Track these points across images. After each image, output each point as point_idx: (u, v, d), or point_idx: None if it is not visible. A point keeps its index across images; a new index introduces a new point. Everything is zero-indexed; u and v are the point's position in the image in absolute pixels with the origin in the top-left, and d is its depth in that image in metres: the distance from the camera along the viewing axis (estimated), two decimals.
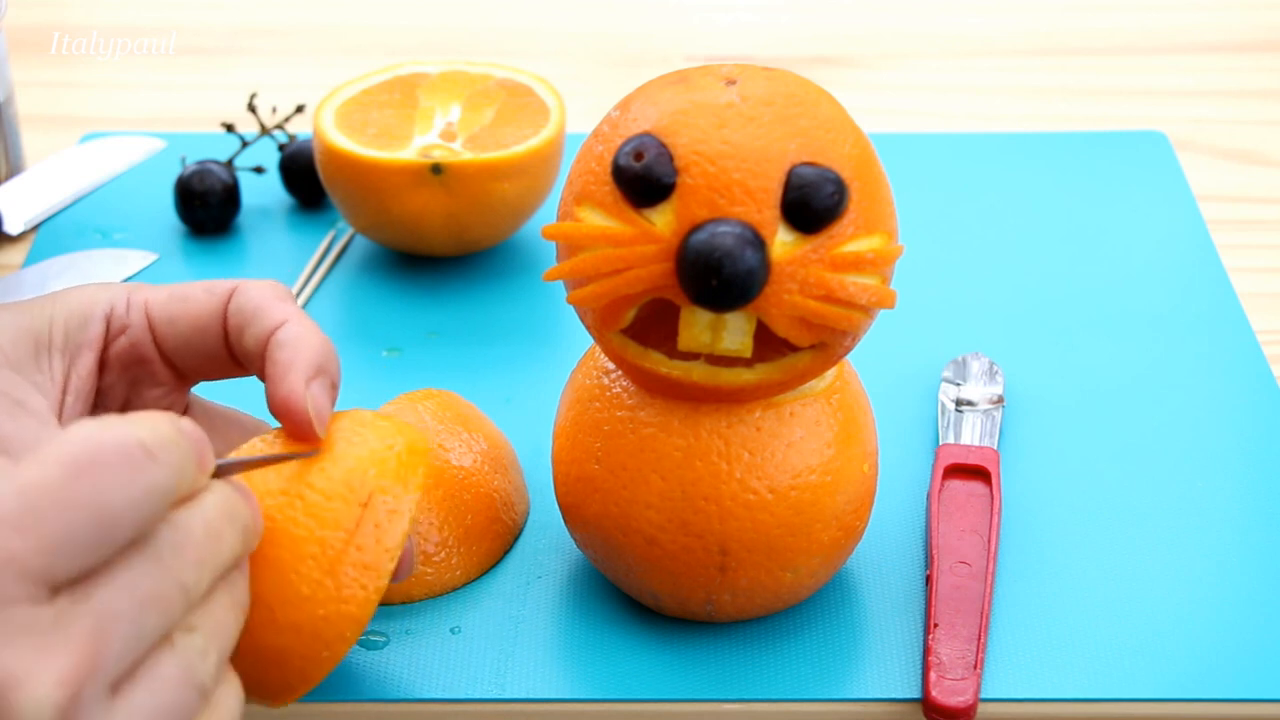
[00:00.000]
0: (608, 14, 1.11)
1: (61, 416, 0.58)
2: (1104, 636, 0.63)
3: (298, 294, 0.82)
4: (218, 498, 0.48)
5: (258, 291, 0.58)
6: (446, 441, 0.66)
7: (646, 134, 0.57)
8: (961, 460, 0.69)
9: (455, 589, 0.65)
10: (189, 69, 1.05)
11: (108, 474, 0.44)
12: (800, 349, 0.58)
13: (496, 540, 0.66)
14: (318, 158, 0.82)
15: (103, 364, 0.60)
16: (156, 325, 0.60)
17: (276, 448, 0.56)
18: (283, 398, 0.56)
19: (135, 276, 0.84)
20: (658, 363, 0.59)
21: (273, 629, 0.53)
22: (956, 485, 0.68)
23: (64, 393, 0.58)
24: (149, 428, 0.45)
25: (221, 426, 0.62)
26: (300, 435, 0.56)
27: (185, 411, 0.62)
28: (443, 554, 0.65)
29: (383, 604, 0.64)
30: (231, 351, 0.59)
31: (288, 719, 0.61)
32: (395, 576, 0.56)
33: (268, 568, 0.54)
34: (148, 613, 0.45)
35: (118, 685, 0.44)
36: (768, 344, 0.58)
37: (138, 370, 0.60)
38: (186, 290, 0.60)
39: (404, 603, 0.64)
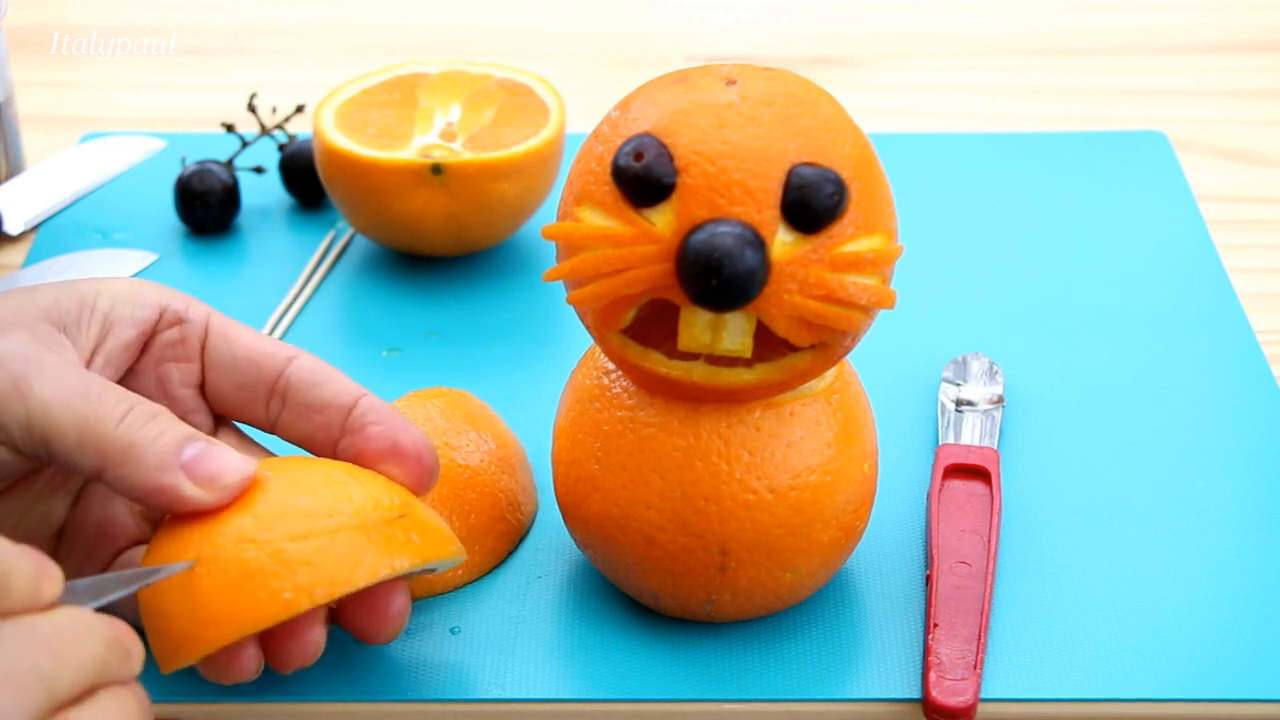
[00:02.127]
0: (608, 14, 1.11)
1: None
2: (1104, 636, 0.63)
3: (297, 294, 0.82)
4: (68, 613, 0.48)
5: (327, 366, 0.61)
6: (453, 440, 0.66)
7: (646, 134, 0.57)
8: (961, 460, 0.69)
9: (457, 588, 0.65)
10: (189, 69, 1.05)
11: None
12: (800, 349, 0.58)
13: (500, 540, 0.66)
14: (318, 158, 0.82)
15: (145, 347, 0.60)
16: (211, 336, 0.61)
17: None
18: (413, 441, 0.59)
19: (136, 276, 0.84)
20: (658, 363, 0.59)
21: (258, 545, 0.54)
22: (956, 485, 0.68)
23: (94, 354, 0.59)
24: None
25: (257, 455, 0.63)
26: (421, 480, 0.59)
27: (215, 425, 0.62)
28: None
29: None
30: (271, 397, 0.60)
31: (286, 719, 0.61)
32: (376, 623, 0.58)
33: (306, 475, 0.55)
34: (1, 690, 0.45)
35: None
36: (768, 344, 0.58)
37: (174, 367, 0.61)
38: (252, 330, 0.61)
39: None
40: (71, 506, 0.60)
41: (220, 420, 0.63)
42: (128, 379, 0.61)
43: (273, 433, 0.61)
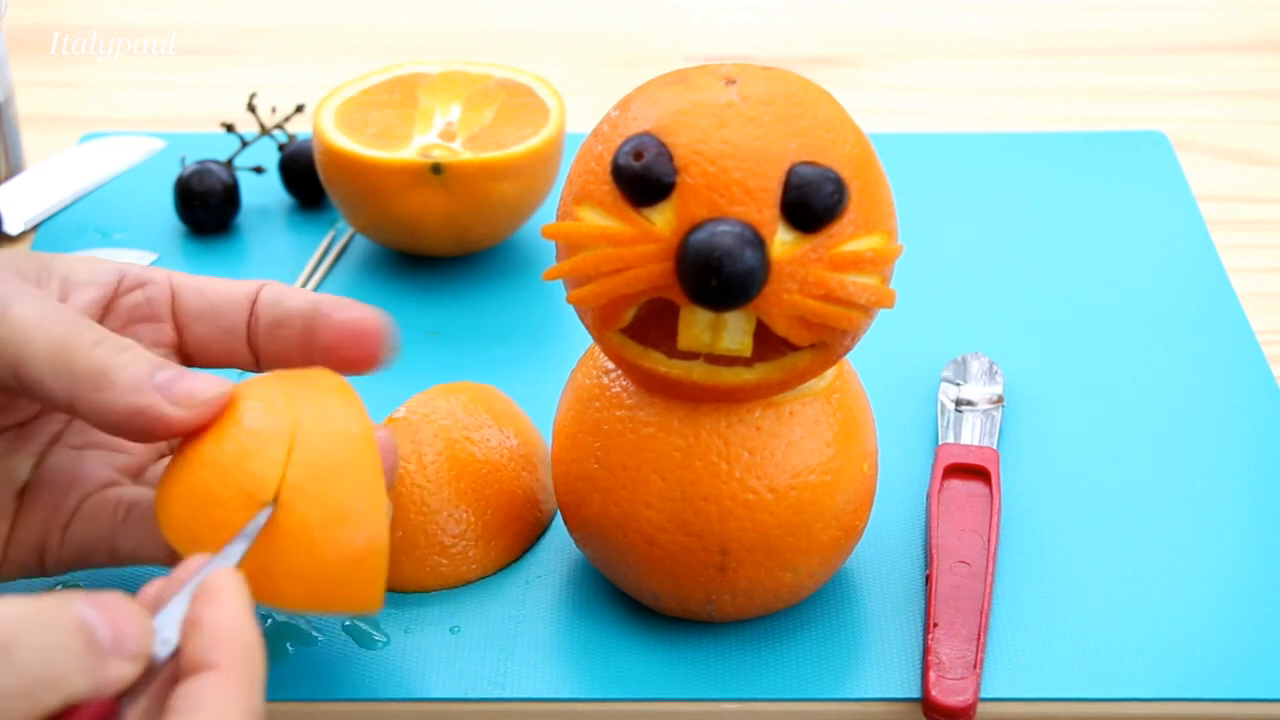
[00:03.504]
0: (608, 14, 1.11)
1: None
2: (1104, 636, 0.63)
3: None
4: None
5: (290, 287, 0.61)
6: (474, 435, 0.66)
7: (646, 133, 0.57)
8: (961, 460, 0.69)
9: (471, 581, 0.65)
10: (189, 69, 1.05)
11: None
12: (800, 348, 0.58)
13: (517, 537, 0.66)
14: (318, 158, 0.82)
15: (108, 309, 0.60)
16: (180, 290, 0.60)
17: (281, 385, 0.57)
18: (353, 318, 0.59)
19: None
20: (657, 362, 0.59)
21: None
22: (956, 485, 0.68)
23: None
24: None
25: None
26: (367, 354, 0.59)
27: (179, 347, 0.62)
28: (460, 546, 0.65)
29: (395, 591, 0.64)
30: (251, 329, 0.60)
31: (287, 718, 0.61)
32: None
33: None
34: None
35: None
36: (767, 343, 0.58)
37: (143, 328, 0.60)
38: (215, 279, 0.61)
39: (417, 591, 0.64)
40: (35, 467, 0.59)
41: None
42: None
43: (257, 369, 0.61)
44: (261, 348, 0.61)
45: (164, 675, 0.48)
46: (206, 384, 0.55)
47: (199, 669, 0.47)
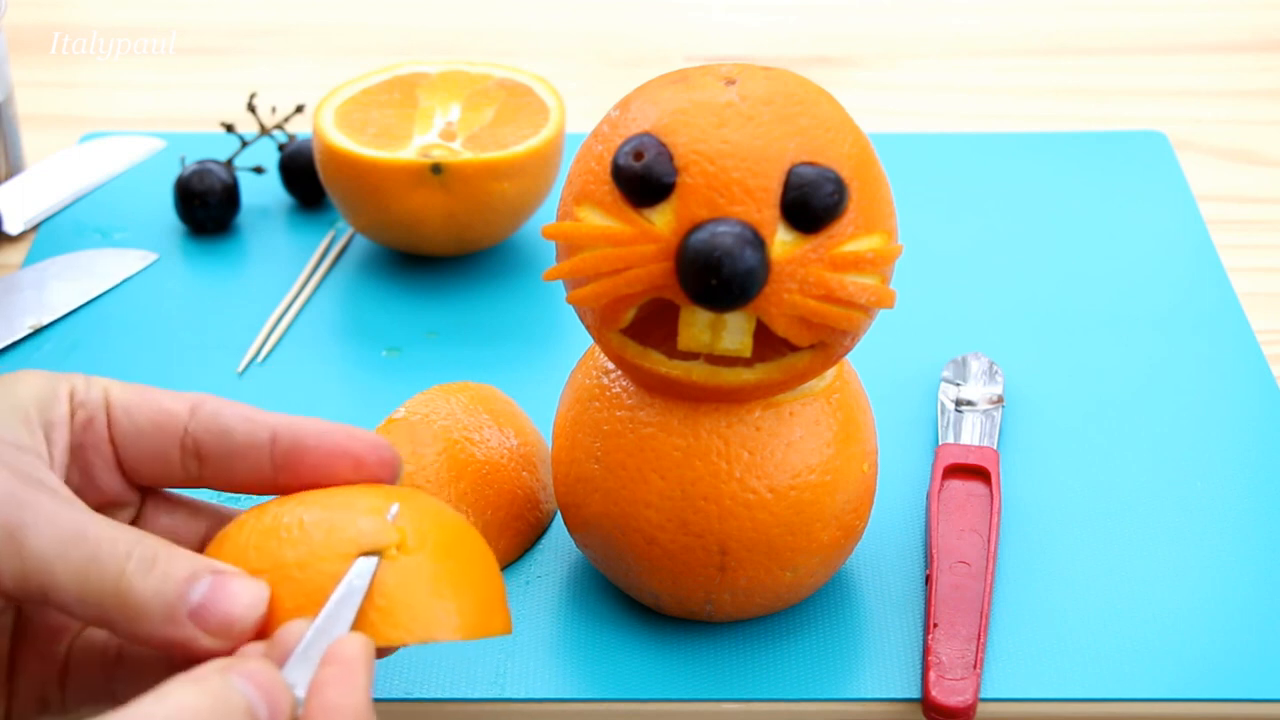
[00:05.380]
0: (608, 14, 1.11)
1: None
2: (1104, 636, 0.63)
3: (297, 294, 0.82)
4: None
5: (233, 404, 0.56)
6: (474, 435, 0.66)
7: (646, 133, 0.57)
8: (961, 460, 0.69)
9: None
10: (189, 69, 1.05)
11: None
12: (800, 349, 0.58)
13: (518, 537, 0.66)
14: (317, 157, 0.82)
15: (76, 443, 0.56)
16: (113, 409, 0.56)
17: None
18: (370, 445, 0.55)
19: (135, 276, 0.84)
20: (657, 362, 0.59)
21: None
22: (956, 485, 0.68)
23: (51, 467, 0.54)
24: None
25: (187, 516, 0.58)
26: (387, 471, 0.55)
27: (139, 510, 0.57)
28: None
29: None
30: (184, 455, 0.56)
31: None
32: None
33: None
34: None
35: None
36: (767, 344, 0.58)
37: (91, 454, 0.56)
38: (150, 388, 0.57)
39: None
40: (17, 619, 0.56)
41: (147, 491, 0.58)
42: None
43: (201, 488, 0.57)
44: (214, 480, 0.56)
45: None
46: (241, 604, 0.51)
47: None
